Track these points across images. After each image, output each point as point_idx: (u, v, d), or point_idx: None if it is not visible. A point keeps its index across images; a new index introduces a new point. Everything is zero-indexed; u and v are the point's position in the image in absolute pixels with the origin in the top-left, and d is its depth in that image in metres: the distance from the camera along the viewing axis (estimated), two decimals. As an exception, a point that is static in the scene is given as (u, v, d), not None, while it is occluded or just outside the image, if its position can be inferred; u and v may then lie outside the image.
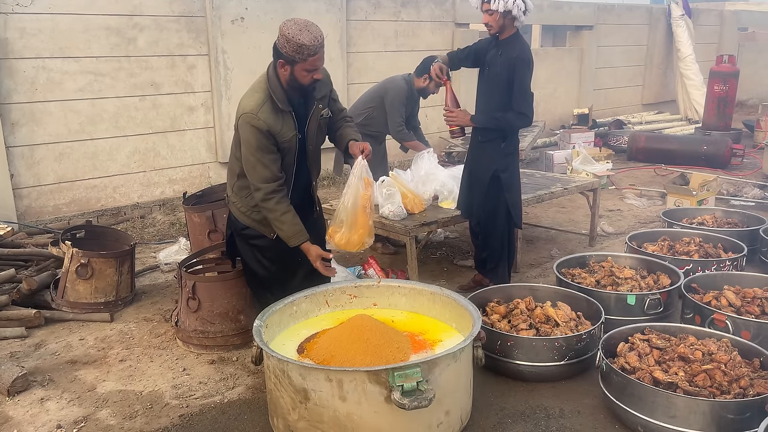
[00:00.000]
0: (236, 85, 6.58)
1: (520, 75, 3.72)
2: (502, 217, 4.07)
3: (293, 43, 2.83)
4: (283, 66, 2.93)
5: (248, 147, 3.00)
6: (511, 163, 4.01)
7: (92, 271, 4.05)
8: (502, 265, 4.20)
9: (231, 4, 6.43)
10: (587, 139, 8.67)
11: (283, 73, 2.95)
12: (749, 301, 3.58)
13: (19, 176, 5.52)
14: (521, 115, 3.77)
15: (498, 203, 4.02)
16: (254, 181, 3.05)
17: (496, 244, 4.13)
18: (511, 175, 4.00)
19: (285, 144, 3.05)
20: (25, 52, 5.38)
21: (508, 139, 3.94)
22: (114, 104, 5.91)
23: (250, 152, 3.00)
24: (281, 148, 3.05)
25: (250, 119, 2.95)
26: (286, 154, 3.09)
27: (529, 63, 3.76)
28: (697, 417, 2.60)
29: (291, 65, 2.91)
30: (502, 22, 3.74)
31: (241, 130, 3.02)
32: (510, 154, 3.99)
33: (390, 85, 5.03)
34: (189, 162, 6.51)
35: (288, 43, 2.84)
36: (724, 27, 13.77)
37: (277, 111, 2.99)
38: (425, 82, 4.96)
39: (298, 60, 2.87)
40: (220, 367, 3.48)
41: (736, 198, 6.74)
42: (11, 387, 3.18)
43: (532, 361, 3.18)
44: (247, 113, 2.96)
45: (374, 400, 2.48)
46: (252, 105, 2.97)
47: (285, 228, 3.09)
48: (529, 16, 3.91)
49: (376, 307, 3.39)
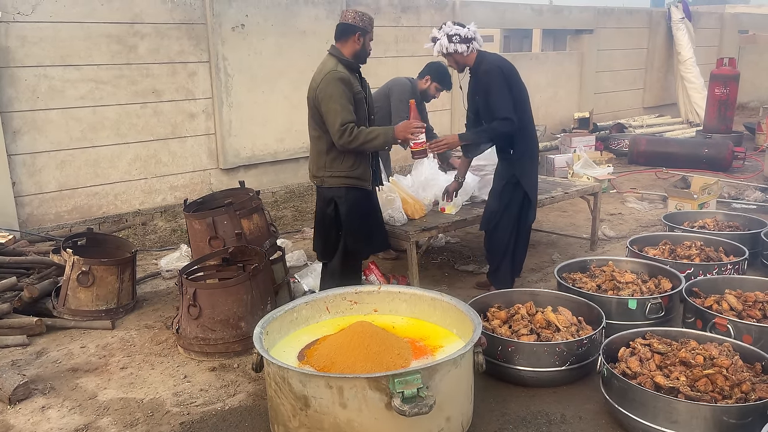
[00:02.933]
0: (237, 92, 6.60)
1: (493, 85, 3.91)
2: (509, 220, 4.16)
3: (367, 16, 3.61)
4: (358, 38, 3.60)
5: (333, 97, 3.51)
6: (527, 167, 4.13)
7: (93, 279, 4.06)
8: (504, 265, 4.26)
9: (231, 11, 6.45)
10: (588, 143, 8.66)
11: (354, 46, 3.61)
12: (751, 305, 3.57)
13: (21, 184, 5.53)
14: (504, 120, 3.91)
15: (508, 206, 4.13)
16: (341, 123, 3.50)
17: (499, 245, 4.21)
18: (529, 179, 4.13)
19: (357, 96, 3.62)
20: (27, 60, 5.40)
21: (515, 145, 4.08)
22: (115, 111, 5.93)
23: (334, 100, 3.51)
24: (356, 99, 3.60)
25: (334, 74, 3.53)
26: (358, 109, 3.63)
27: (497, 71, 3.92)
28: (699, 422, 2.60)
29: (364, 36, 3.61)
30: (454, 59, 3.98)
31: (326, 88, 3.52)
32: (520, 158, 4.11)
33: (394, 84, 5.05)
34: (190, 169, 6.52)
35: (363, 17, 3.59)
36: (725, 30, 13.77)
37: (349, 69, 3.62)
38: (426, 83, 4.98)
39: (370, 30, 3.63)
40: (221, 374, 3.48)
41: (737, 201, 6.73)
42: (12, 395, 3.18)
43: (533, 367, 3.17)
44: (331, 71, 3.54)
45: (375, 406, 2.47)
46: (331, 65, 3.58)
47: (376, 134, 3.59)
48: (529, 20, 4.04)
49: (377, 313, 3.39)
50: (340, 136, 3.52)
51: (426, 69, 5.02)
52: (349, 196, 3.72)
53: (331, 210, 3.78)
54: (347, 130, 3.51)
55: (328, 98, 3.52)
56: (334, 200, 3.75)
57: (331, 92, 3.51)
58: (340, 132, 3.51)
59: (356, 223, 3.79)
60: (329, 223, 3.82)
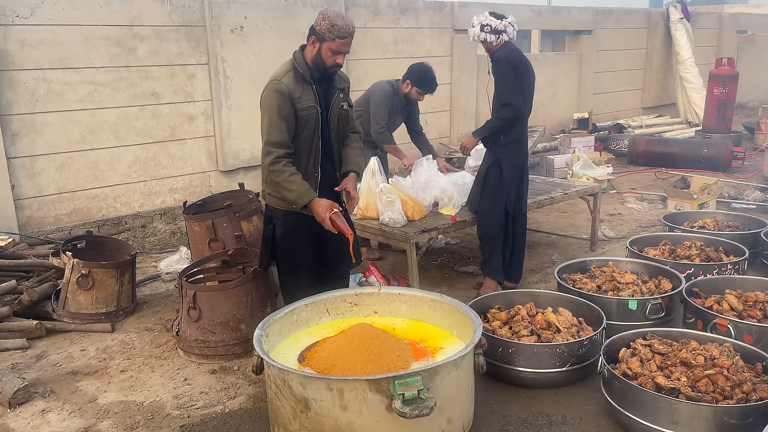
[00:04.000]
0: (236, 94, 6.60)
1: (500, 72, 4.16)
2: (500, 209, 4.29)
3: (328, 21, 3.12)
4: (313, 42, 3.19)
5: (268, 111, 3.16)
6: (512, 152, 4.27)
7: (93, 282, 4.05)
8: (495, 256, 4.34)
9: (230, 13, 6.45)
10: (587, 144, 8.67)
11: (311, 50, 3.22)
12: (751, 305, 3.57)
13: (20, 187, 5.53)
14: (505, 106, 4.13)
15: (495, 193, 4.28)
16: (267, 144, 3.17)
17: (491, 235, 4.33)
18: (511, 164, 4.27)
19: (304, 112, 3.21)
20: (26, 63, 5.40)
21: (506, 131, 4.24)
22: (114, 114, 5.92)
23: (268, 115, 3.16)
24: (299, 116, 3.20)
25: (273, 85, 3.18)
26: (305, 127, 3.23)
27: (508, 62, 4.13)
28: (700, 423, 2.59)
29: (320, 42, 3.16)
30: (485, 47, 4.25)
31: (264, 98, 3.19)
32: (509, 143, 4.26)
33: (374, 89, 5.05)
34: (189, 171, 6.52)
35: (324, 21, 3.13)
36: (723, 30, 13.78)
37: (300, 80, 3.21)
38: (408, 87, 4.95)
39: (328, 38, 3.13)
40: (221, 376, 3.47)
41: (737, 201, 6.73)
42: (12, 399, 3.17)
43: (534, 368, 3.17)
44: (272, 80, 3.20)
45: (375, 408, 2.47)
46: (277, 74, 3.23)
47: (294, 188, 3.16)
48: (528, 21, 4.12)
49: (377, 314, 3.39)
50: (264, 156, 3.20)
51: (407, 73, 4.96)
52: (287, 219, 3.33)
53: (269, 230, 3.44)
54: (276, 160, 3.15)
55: (262, 110, 3.20)
56: (273, 221, 3.41)
57: (265, 104, 3.18)
58: (265, 151, 3.18)
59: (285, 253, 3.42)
60: (267, 238, 3.49)
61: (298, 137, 3.23)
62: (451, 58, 8.80)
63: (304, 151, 3.27)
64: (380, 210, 4.33)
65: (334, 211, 3.14)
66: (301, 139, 3.24)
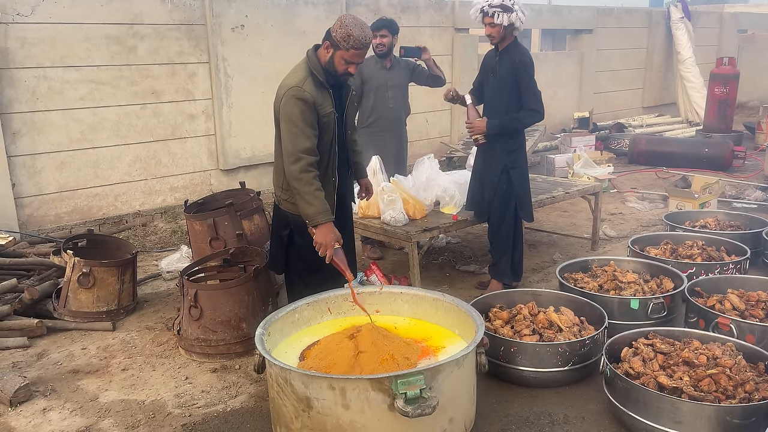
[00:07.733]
0: (237, 93, 6.59)
1: (525, 76, 4.05)
2: (511, 213, 4.26)
3: (345, 30, 3.04)
4: (327, 48, 3.13)
5: (292, 119, 3.09)
6: (519, 158, 4.24)
7: (94, 280, 4.05)
8: (505, 260, 4.32)
9: (231, 11, 6.44)
10: (588, 143, 8.66)
11: (324, 55, 3.16)
12: (753, 304, 3.57)
13: (21, 185, 5.52)
14: (532, 111, 4.08)
15: (508, 198, 4.23)
16: (296, 151, 3.08)
17: (503, 239, 4.30)
18: (520, 171, 4.23)
19: (325, 119, 3.17)
20: (26, 61, 5.38)
21: (515, 136, 4.20)
22: (115, 113, 5.92)
23: (293, 124, 3.09)
24: (321, 123, 3.16)
25: (296, 92, 3.09)
26: (324, 133, 3.19)
27: (531, 64, 4.09)
28: (703, 422, 2.59)
29: (334, 49, 3.10)
30: (504, 33, 4.06)
31: (285, 106, 3.11)
32: (517, 149, 4.23)
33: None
34: (190, 170, 6.51)
35: (340, 29, 3.05)
36: (724, 29, 13.77)
37: (319, 85, 3.15)
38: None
39: (342, 47, 3.06)
40: (223, 375, 3.47)
41: (738, 200, 6.73)
42: (13, 397, 3.17)
43: (536, 367, 3.17)
44: (293, 87, 3.10)
45: (377, 408, 2.46)
46: (297, 80, 3.12)
47: (316, 204, 3.10)
48: (528, 20, 4.09)
49: (379, 313, 3.38)
50: (291, 163, 3.10)
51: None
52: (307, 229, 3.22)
53: (286, 234, 3.40)
54: (307, 168, 3.08)
55: (286, 119, 3.11)
56: (291, 227, 3.37)
57: (288, 112, 3.10)
58: (294, 158, 3.09)
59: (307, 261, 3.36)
60: (281, 244, 3.45)
61: (319, 143, 3.18)
62: (451, 57, 8.79)
63: (323, 157, 3.23)
64: (381, 209, 4.33)
65: (338, 246, 3.13)
66: (321, 145, 3.19)
